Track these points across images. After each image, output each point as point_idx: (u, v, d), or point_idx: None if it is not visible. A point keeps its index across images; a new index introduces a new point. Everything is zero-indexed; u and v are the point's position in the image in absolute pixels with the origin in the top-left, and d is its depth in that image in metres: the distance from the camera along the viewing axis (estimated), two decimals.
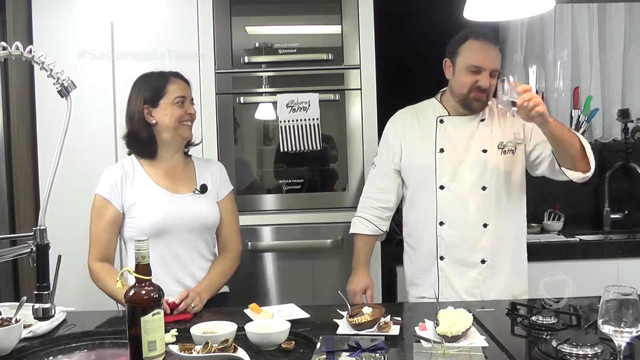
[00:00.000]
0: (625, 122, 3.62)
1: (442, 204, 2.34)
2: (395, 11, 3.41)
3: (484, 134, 2.35)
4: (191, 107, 2.27)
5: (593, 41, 3.69)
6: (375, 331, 1.75)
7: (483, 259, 2.32)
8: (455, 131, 2.36)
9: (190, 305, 2.05)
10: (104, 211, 2.20)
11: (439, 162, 2.34)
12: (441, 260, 2.36)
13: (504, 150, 2.33)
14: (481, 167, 2.32)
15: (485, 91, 2.29)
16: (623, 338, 1.38)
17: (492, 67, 2.29)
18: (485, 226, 2.32)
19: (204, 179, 2.31)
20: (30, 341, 1.76)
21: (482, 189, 2.32)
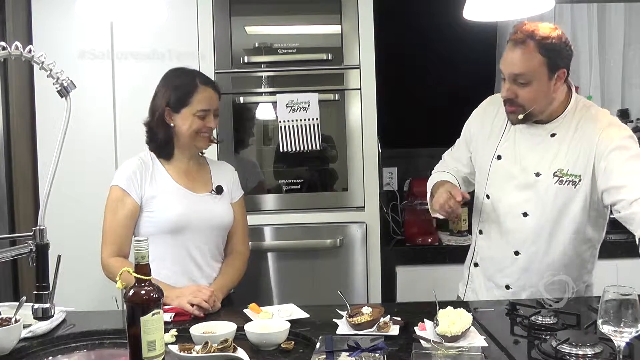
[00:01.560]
0: (625, 122, 3.61)
1: (484, 214, 2.18)
2: (395, 11, 3.41)
3: (545, 153, 2.04)
4: (212, 121, 2.22)
5: (592, 41, 3.68)
6: (375, 331, 1.75)
7: (508, 285, 2.15)
8: (521, 139, 2.09)
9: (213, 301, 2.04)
10: (122, 203, 2.17)
11: (493, 169, 2.14)
12: (475, 267, 2.25)
13: (560, 179, 2.00)
14: (529, 192, 2.05)
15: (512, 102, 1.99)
16: (622, 338, 1.38)
17: (509, 71, 1.96)
18: (517, 254, 2.10)
19: (219, 181, 2.32)
20: (30, 341, 1.75)
21: (524, 214, 2.07)
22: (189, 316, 1.98)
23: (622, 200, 1.88)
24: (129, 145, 2.86)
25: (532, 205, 2.06)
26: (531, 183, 2.05)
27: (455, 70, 3.36)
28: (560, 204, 2.02)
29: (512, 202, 2.09)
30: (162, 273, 2.17)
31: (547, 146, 2.05)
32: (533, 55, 1.92)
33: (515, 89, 1.96)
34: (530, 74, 1.93)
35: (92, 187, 2.85)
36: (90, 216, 2.82)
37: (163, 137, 2.23)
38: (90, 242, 2.75)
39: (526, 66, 1.92)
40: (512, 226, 2.10)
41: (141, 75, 2.86)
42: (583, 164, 1.99)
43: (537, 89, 1.95)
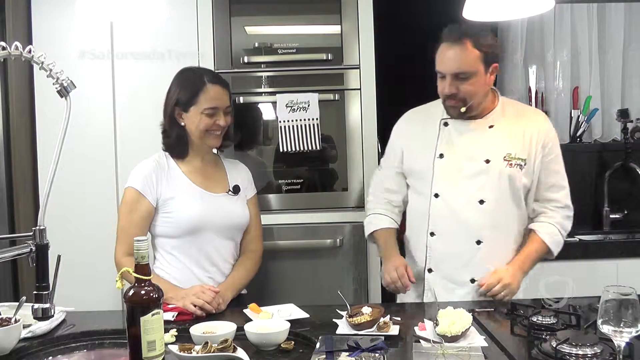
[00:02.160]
0: (625, 122, 3.62)
1: (435, 214, 2.20)
2: (395, 11, 3.40)
3: (490, 142, 2.17)
4: (222, 118, 2.21)
5: (592, 41, 3.69)
6: (375, 331, 1.75)
7: (473, 279, 2.18)
8: (459, 136, 2.20)
9: (217, 303, 2.05)
10: (137, 205, 2.18)
11: (437, 168, 2.20)
12: (429, 272, 2.23)
13: (510, 162, 2.14)
14: (481, 179, 2.15)
15: (454, 97, 2.12)
16: (622, 338, 1.38)
17: (451, 70, 2.09)
18: (479, 243, 2.16)
19: (234, 180, 2.33)
20: (30, 341, 1.76)
21: (480, 202, 2.14)
22: (191, 316, 1.98)
23: (557, 200, 2.23)
24: (129, 145, 2.86)
25: (486, 192, 2.15)
26: (483, 170, 2.15)
27: None
28: (512, 186, 2.15)
29: (466, 192, 2.16)
30: (179, 274, 2.17)
31: (489, 137, 2.18)
32: (471, 52, 2.08)
33: (457, 84, 2.10)
34: (470, 70, 2.08)
35: (92, 187, 2.86)
36: (90, 216, 2.83)
37: (175, 136, 2.24)
38: (90, 242, 2.77)
39: (466, 63, 2.08)
40: (470, 216, 2.15)
41: (141, 75, 2.86)
42: (527, 149, 2.16)
43: (476, 83, 2.11)
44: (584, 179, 3.69)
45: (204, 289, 2.06)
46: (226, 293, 2.14)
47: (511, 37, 3.70)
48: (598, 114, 3.69)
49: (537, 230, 2.20)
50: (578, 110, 3.69)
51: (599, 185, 3.67)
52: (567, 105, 3.74)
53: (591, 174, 3.70)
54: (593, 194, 3.69)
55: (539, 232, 2.20)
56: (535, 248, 2.19)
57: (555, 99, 3.74)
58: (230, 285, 2.21)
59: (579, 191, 3.66)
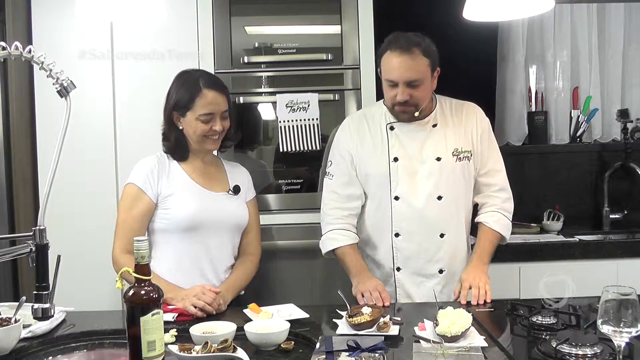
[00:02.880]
0: (625, 122, 3.62)
1: (398, 216, 2.27)
2: (395, 11, 3.41)
3: (437, 141, 2.28)
4: (218, 123, 2.21)
5: (592, 41, 3.69)
6: (375, 331, 1.75)
7: (441, 269, 2.29)
8: (408, 139, 2.29)
9: (217, 304, 2.04)
10: (137, 201, 2.18)
11: (394, 171, 2.27)
12: (397, 271, 2.31)
13: (459, 157, 2.27)
14: (436, 177, 2.25)
15: (407, 103, 2.19)
16: (622, 338, 1.38)
17: (405, 78, 2.16)
18: (442, 236, 2.27)
19: (235, 181, 2.33)
20: (30, 341, 1.76)
21: (438, 198, 2.26)
22: (192, 317, 1.98)
23: (494, 184, 2.34)
24: (128, 145, 2.86)
25: (443, 188, 2.26)
26: (436, 168, 2.26)
27: (455, 70, 3.36)
28: (464, 178, 2.29)
29: (425, 191, 2.26)
30: (177, 272, 2.17)
31: (435, 135, 2.29)
32: (421, 59, 2.16)
33: (410, 92, 2.18)
34: (422, 77, 2.17)
35: (92, 187, 2.86)
36: (90, 216, 2.83)
37: (174, 140, 2.25)
38: (90, 242, 2.77)
39: (418, 71, 2.16)
40: (432, 213, 2.26)
41: (141, 76, 2.86)
42: (470, 141, 2.29)
43: (426, 88, 2.22)
44: (584, 179, 3.69)
45: (204, 289, 2.05)
46: (226, 294, 2.14)
47: (511, 37, 3.70)
48: (598, 114, 3.69)
49: (485, 222, 2.32)
50: (578, 110, 3.69)
51: (599, 185, 3.67)
52: (567, 105, 3.74)
53: (591, 174, 3.70)
54: (593, 194, 3.69)
55: (487, 223, 2.31)
56: (488, 239, 2.30)
57: (555, 99, 3.74)
58: (230, 286, 2.21)
59: (579, 191, 3.68)
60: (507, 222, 2.33)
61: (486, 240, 2.30)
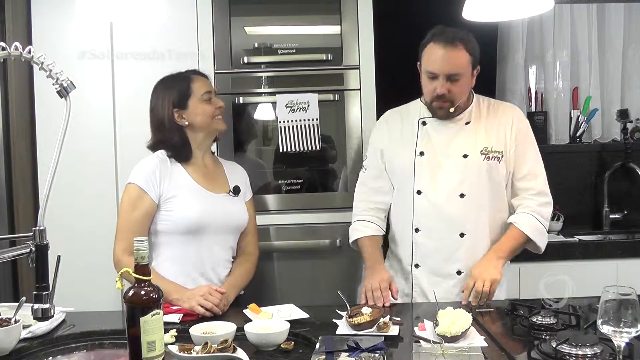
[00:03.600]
0: (625, 122, 3.62)
1: (418, 210, 2.25)
2: (395, 11, 3.41)
3: (467, 138, 2.25)
4: (218, 100, 2.30)
5: (592, 41, 3.69)
6: (375, 331, 1.75)
7: (459, 270, 2.23)
8: (437, 134, 2.27)
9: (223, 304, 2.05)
10: (140, 202, 2.17)
11: (418, 165, 2.26)
12: (416, 268, 2.28)
13: (487, 156, 2.22)
14: (460, 173, 2.22)
15: (444, 97, 2.18)
16: (622, 338, 1.38)
17: (447, 71, 2.14)
18: (462, 236, 2.22)
19: (234, 181, 2.34)
20: (30, 341, 1.76)
21: (460, 196, 2.21)
22: (197, 316, 1.98)
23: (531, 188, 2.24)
24: (128, 145, 2.85)
25: (466, 186, 2.21)
26: (461, 165, 2.22)
27: None
28: (490, 179, 2.22)
29: (447, 187, 2.22)
30: (179, 273, 2.17)
31: (466, 133, 2.26)
32: (463, 54, 2.15)
33: (449, 86, 2.16)
34: (462, 72, 2.16)
35: (91, 188, 2.85)
36: (90, 216, 2.83)
37: (179, 140, 2.24)
38: (90, 242, 2.77)
39: (460, 65, 2.15)
40: (452, 210, 2.22)
41: (141, 76, 2.85)
42: (502, 142, 2.24)
43: (465, 84, 2.20)
44: (583, 179, 3.70)
45: (210, 290, 2.05)
46: (230, 293, 2.14)
47: (511, 38, 3.70)
48: (598, 114, 3.69)
49: (514, 222, 2.22)
50: (578, 111, 3.69)
51: (598, 186, 3.67)
52: (566, 105, 3.74)
53: (591, 174, 3.70)
54: (593, 194, 3.70)
55: (515, 222, 2.22)
56: (511, 235, 2.21)
57: (555, 99, 3.74)
58: (232, 286, 2.21)
59: (579, 191, 3.68)
60: (539, 226, 2.21)
61: (510, 236, 2.20)
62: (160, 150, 2.27)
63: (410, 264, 2.29)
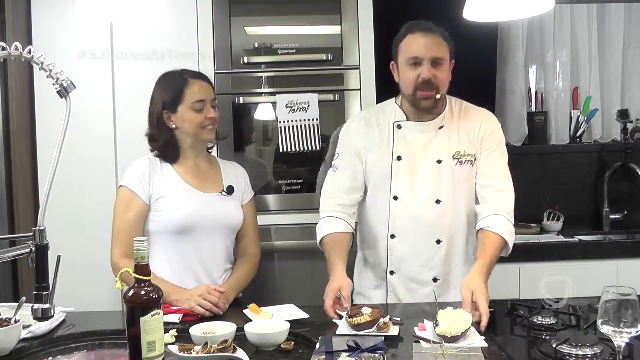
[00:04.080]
0: (625, 122, 3.62)
1: (395, 216, 2.20)
2: (395, 11, 3.40)
3: (440, 143, 2.21)
4: (211, 111, 2.21)
5: (592, 41, 3.69)
6: (375, 332, 1.75)
7: (435, 277, 2.19)
8: (413, 138, 2.22)
9: (222, 303, 2.04)
10: (131, 204, 2.17)
11: (395, 170, 2.20)
12: (391, 274, 2.22)
13: (460, 160, 2.18)
14: (435, 179, 2.18)
15: (431, 84, 2.11)
16: (622, 338, 1.38)
17: (430, 54, 2.11)
18: (439, 242, 2.18)
19: (229, 181, 2.31)
20: (30, 341, 1.75)
21: (436, 202, 2.17)
22: (197, 316, 1.98)
23: (491, 186, 2.19)
24: (128, 145, 2.86)
25: (441, 191, 2.18)
26: (436, 170, 2.18)
27: (455, 70, 3.36)
28: (465, 183, 2.19)
29: (423, 193, 2.18)
30: (170, 274, 2.16)
31: (440, 137, 2.22)
32: (443, 42, 2.16)
33: (434, 71, 2.12)
34: (445, 57, 2.15)
35: (91, 188, 2.86)
36: (90, 216, 2.83)
37: (164, 141, 2.23)
38: (90, 242, 2.77)
39: (443, 50, 2.15)
40: (429, 216, 2.18)
41: (141, 76, 2.85)
42: (473, 144, 2.21)
43: (447, 72, 2.17)
44: (583, 180, 3.70)
45: (209, 289, 2.04)
46: (229, 294, 2.14)
47: (511, 38, 3.70)
48: (598, 114, 3.69)
49: (488, 227, 2.10)
50: (578, 111, 3.69)
51: (598, 186, 3.67)
52: (567, 105, 3.74)
53: (591, 174, 3.70)
54: (593, 194, 3.70)
55: (489, 227, 2.10)
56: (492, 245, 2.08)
57: (555, 99, 3.74)
58: (233, 286, 2.20)
59: (579, 191, 3.68)
60: (510, 226, 2.13)
61: (489, 246, 2.07)
62: (152, 153, 2.27)
63: (385, 270, 2.24)
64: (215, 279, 2.23)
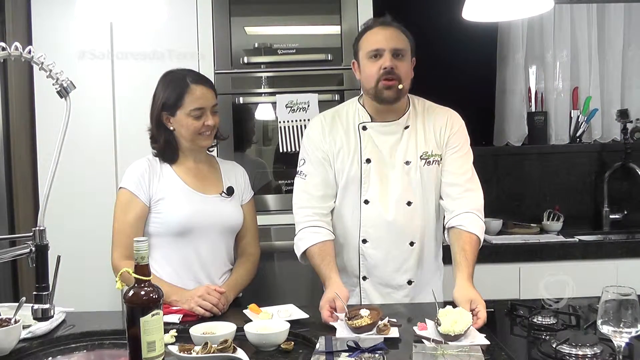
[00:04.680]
0: (624, 122, 3.62)
1: (366, 221, 2.16)
2: (395, 11, 3.40)
3: (407, 144, 2.17)
4: (210, 118, 2.18)
5: (592, 42, 3.69)
6: (375, 334, 1.73)
7: (410, 280, 2.17)
8: (380, 140, 2.18)
9: (222, 304, 2.04)
10: (131, 206, 2.16)
11: (365, 174, 2.16)
12: (364, 280, 2.19)
13: (427, 160, 2.16)
14: (405, 181, 2.14)
15: (393, 73, 2.07)
16: (622, 338, 1.38)
17: (391, 45, 2.09)
18: (412, 244, 2.16)
19: (229, 182, 2.31)
20: (30, 342, 1.75)
21: (408, 204, 2.14)
22: (197, 316, 1.98)
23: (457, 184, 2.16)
24: (128, 145, 2.86)
25: (411, 193, 2.16)
26: (405, 172, 2.16)
27: (455, 71, 3.36)
28: (432, 184, 2.18)
29: (394, 196, 2.15)
30: (170, 275, 2.16)
31: (406, 138, 2.18)
32: (403, 36, 2.16)
33: (395, 61, 2.10)
34: (406, 50, 2.14)
35: (91, 188, 2.86)
36: (90, 216, 2.83)
37: (164, 142, 2.22)
38: (90, 242, 2.77)
39: (403, 41, 2.14)
40: (401, 219, 2.15)
41: (141, 76, 2.85)
42: (440, 144, 2.18)
43: (409, 65, 2.15)
44: (583, 180, 3.70)
45: (209, 289, 2.04)
46: (229, 294, 2.13)
47: (511, 38, 3.70)
48: (598, 114, 3.70)
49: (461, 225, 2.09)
50: (578, 111, 3.69)
51: (598, 186, 3.67)
52: (566, 105, 3.74)
53: (591, 174, 3.70)
54: (593, 195, 3.70)
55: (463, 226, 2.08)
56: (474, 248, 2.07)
57: (555, 99, 3.74)
58: (233, 287, 2.20)
59: (579, 191, 3.68)
60: (481, 223, 2.11)
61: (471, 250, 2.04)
62: (151, 154, 2.27)
63: (357, 276, 2.20)
64: (215, 280, 2.23)
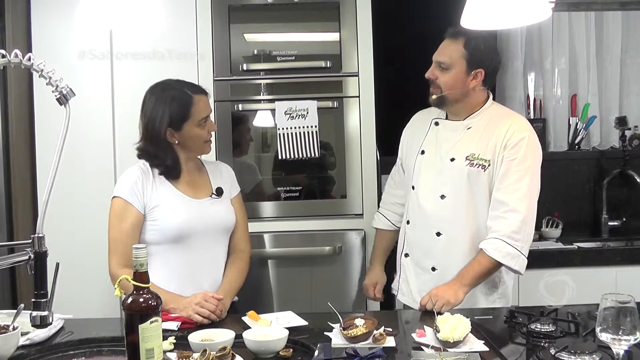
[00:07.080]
0: (623, 129, 3.62)
1: (410, 204, 2.40)
2: (394, 18, 3.42)
3: (462, 142, 2.29)
4: (212, 124, 2.26)
5: (591, 49, 3.70)
6: (371, 344, 1.72)
7: (433, 267, 2.32)
8: (445, 135, 2.35)
9: (220, 310, 2.04)
10: (126, 214, 2.16)
11: (418, 163, 2.38)
12: (405, 257, 2.42)
13: (472, 162, 2.24)
14: (445, 175, 2.29)
15: (433, 83, 2.30)
16: (621, 346, 1.38)
17: (436, 58, 2.30)
18: (439, 235, 2.29)
19: (217, 182, 2.32)
20: (28, 349, 1.75)
21: (441, 197, 2.29)
22: (195, 324, 1.98)
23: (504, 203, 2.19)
24: (128, 148, 2.80)
25: (447, 188, 2.28)
26: (447, 168, 2.29)
27: None
28: (471, 185, 2.25)
29: (431, 186, 2.32)
30: (171, 282, 2.16)
31: (464, 137, 2.31)
32: (457, 48, 2.25)
33: (436, 72, 2.28)
34: (450, 63, 2.25)
35: (91, 194, 2.85)
36: (89, 223, 2.83)
37: (171, 160, 2.21)
38: (89, 249, 2.77)
39: (448, 55, 2.26)
40: (432, 209, 2.31)
41: (141, 77, 2.85)
42: (492, 151, 2.24)
43: (453, 77, 2.26)
44: (582, 187, 3.69)
45: (206, 296, 2.04)
46: (226, 299, 2.13)
47: (510, 45, 3.71)
48: (596, 121, 3.70)
49: (483, 248, 2.17)
50: (576, 118, 3.69)
51: (597, 193, 3.67)
52: (565, 112, 3.74)
53: (589, 181, 3.70)
54: (591, 202, 3.69)
55: (484, 249, 2.17)
56: (477, 261, 2.18)
57: (553, 107, 3.74)
58: (228, 291, 2.20)
59: (578, 198, 3.68)
60: (510, 249, 2.16)
61: (476, 262, 2.18)
62: (142, 161, 2.24)
63: (401, 252, 2.44)
64: (218, 280, 2.24)
